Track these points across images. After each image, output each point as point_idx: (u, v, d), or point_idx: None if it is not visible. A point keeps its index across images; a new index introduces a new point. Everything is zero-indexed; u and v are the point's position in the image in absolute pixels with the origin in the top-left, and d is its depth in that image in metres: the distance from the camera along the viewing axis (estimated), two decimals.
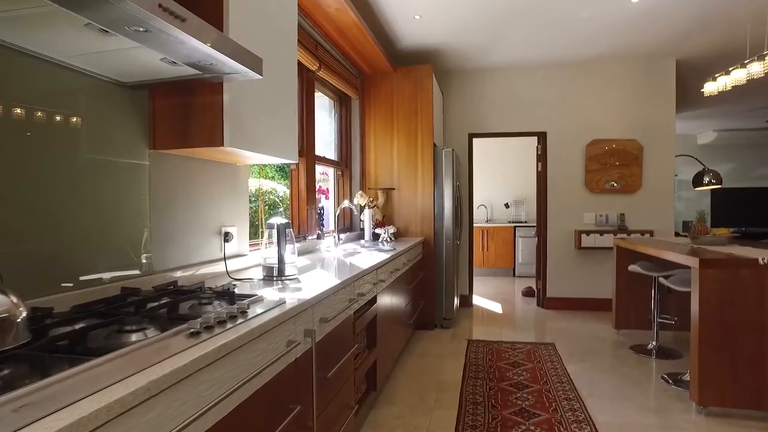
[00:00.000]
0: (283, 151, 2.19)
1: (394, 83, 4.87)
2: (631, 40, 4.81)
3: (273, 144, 2.08)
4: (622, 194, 5.45)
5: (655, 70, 5.39)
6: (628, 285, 4.45)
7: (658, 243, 3.97)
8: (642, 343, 4.20)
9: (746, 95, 7.39)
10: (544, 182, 5.64)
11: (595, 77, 5.50)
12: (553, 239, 5.63)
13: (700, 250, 3.32)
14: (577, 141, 5.53)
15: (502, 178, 8.63)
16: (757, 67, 3.74)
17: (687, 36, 4.67)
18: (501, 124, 5.72)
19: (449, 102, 5.83)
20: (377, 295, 2.78)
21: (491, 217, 8.70)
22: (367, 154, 4.94)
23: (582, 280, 5.57)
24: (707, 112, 8.48)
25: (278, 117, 2.13)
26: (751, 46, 4.55)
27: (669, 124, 5.39)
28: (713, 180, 5.68)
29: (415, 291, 4.38)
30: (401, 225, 4.86)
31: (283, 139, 2.19)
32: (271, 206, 4.36)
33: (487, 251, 8.29)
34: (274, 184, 4.17)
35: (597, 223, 5.49)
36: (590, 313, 5.40)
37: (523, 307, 5.85)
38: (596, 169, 5.44)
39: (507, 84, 5.69)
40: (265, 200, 4.33)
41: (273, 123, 2.08)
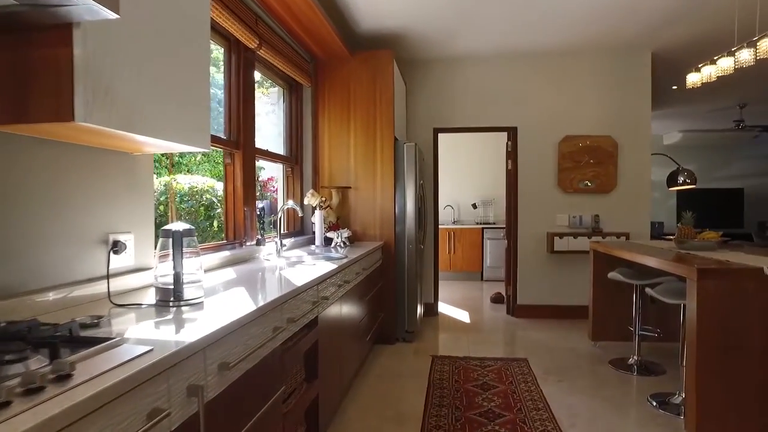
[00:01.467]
0: (186, 136, 1.65)
1: (352, 70, 4.37)
2: (607, 30, 4.45)
3: (170, 125, 1.55)
4: (596, 194, 5.10)
5: (630, 63, 5.07)
6: (605, 293, 4.08)
7: (640, 248, 3.60)
8: (622, 357, 3.82)
9: (713, 96, 7.21)
10: (515, 181, 5.24)
11: (568, 69, 5.14)
12: (524, 242, 5.23)
13: (689, 257, 2.94)
14: (550, 137, 5.15)
15: (469, 176, 8.24)
16: (747, 55, 3.41)
17: (664, 26, 4.34)
18: (468, 119, 5.30)
19: (413, 94, 5.37)
20: (319, 316, 2.27)
21: (458, 218, 8.30)
22: (321, 148, 4.43)
23: (555, 287, 5.19)
24: (674, 112, 8.32)
25: (178, 90, 1.60)
26: (738, 34, 4.25)
27: (645, 120, 5.07)
28: (687, 179, 5.41)
29: (373, 302, 3.89)
30: (358, 228, 4.37)
31: (188, 121, 1.66)
32: (207, 208, 3.81)
33: (453, 254, 7.88)
34: (214, 181, 3.61)
35: (570, 224, 5.13)
36: (564, 321, 5.02)
37: (492, 316, 5.44)
38: (569, 167, 5.07)
39: (475, 75, 5.27)
40: (202, 201, 3.77)
41: (170, 97, 1.55)
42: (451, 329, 4.86)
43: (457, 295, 6.63)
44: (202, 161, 3.76)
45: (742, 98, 7.54)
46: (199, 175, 4.02)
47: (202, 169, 3.93)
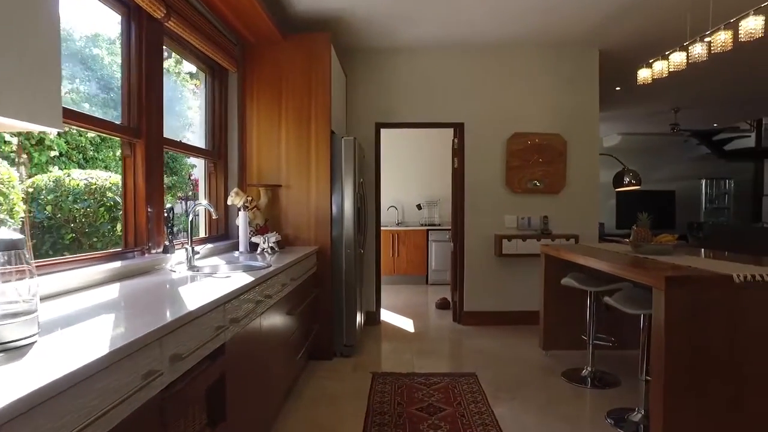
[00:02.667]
0: (20, 108, 1.17)
1: (284, 55, 3.91)
2: (556, 24, 4.23)
3: None
4: (545, 195, 4.89)
5: (579, 61, 4.90)
6: (556, 299, 3.84)
7: (595, 251, 3.37)
8: (575, 368, 3.58)
9: (650, 99, 7.28)
10: (461, 180, 4.95)
11: (517, 64, 4.90)
12: (471, 245, 4.95)
13: (648, 262, 2.71)
14: (498, 134, 4.90)
15: (415, 175, 7.93)
16: (699, 49, 3.25)
17: (612, 21, 4.17)
18: (413, 113, 4.96)
19: (354, 86, 4.97)
20: (227, 343, 1.82)
21: (402, 219, 7.97)
22: (248, 142, 3.94)
23: (503, 292, 4.94)
24: (615, 114, 8.39)
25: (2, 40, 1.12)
26: (690, 31, 4.14)
27: (593, 119, 4.92)
28: (633, 180, 5.32)
29: (306, 314, 3.45)
30: (290, 231, 3.91)
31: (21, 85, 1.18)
32: (110, 209, 3.24)
33: (397, 257, 7.54)
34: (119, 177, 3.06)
35: (519, 226, 4.89)
36: (514, 328, 4.77)
37: (438, 324, 5.13)
38: (518, 165, 4.83)
39: (420, 67, 4.94)
40: (103, 201, 3.21)
41: None
42: (394, 340, 4.50)
43: (402, 301, 6.29)
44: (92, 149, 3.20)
45: (677, 102, 7.67)
46: (102, 170, 3.45)
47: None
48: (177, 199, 4.25)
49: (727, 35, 3.03)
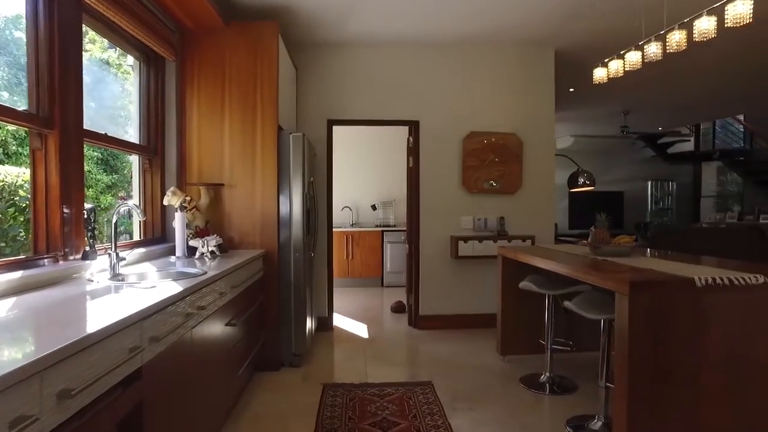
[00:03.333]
0: None
1: (227, 44, 3.63)
2: (513, 22, 4.14)
3: None
4: (501, 195, 4.80)
5: (535, 60, 4.84)
6: (514, 302, 3.74)
7: (553, 254, 3.27)
8: (533, 373, 3.48)
9: (601, 101, 7.39)
10: (416, 180, 4.80)
11: (474, 62, 4.79)
12: (426, 247, 4.80)
13: (606, 265, 2.63)
14: (454, 133, 4.77)
15: (369, 175, 7.74)
16: (655, 48, 3.21)
17: (568, 21, 4.12)
18: (366, 110, 4.77)
19: (305, 80, 4.72)
20: (145, 366, 1.56)
21: (357, 220, 7.77)
22: (188, 137, 3.63)
23: (460, 295, 4.82)
24: (568, 115, 8.49)
25: None
26: (644, 31, 4.14)
27: (549, 119, 4.88)
28: (587, 181, 5.34)
29: (251, 323, 3.19)
30: (234, 234, 3.63)
31: None
32: (23, 210, 2.88)
33: (352, 259, 7.33)
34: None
35: (475, 227, 4.78)
36: (471, 332, 4.65)
37: (393, 328, 4.95)
38: (474, 165, 4.72)
39: (374, 63, 4.75)
40: (13, 200, 2.85)
41: None
42: (347, 347, 4.28)
43: (356, 304, 6.08)
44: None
45: (627, 105, 7.83)
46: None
47: None
48: (118, 198, 3.89)
49: (682, 35, 3.00)
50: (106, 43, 3.17)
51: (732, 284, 2.07)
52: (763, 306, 2.15)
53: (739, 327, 2.13)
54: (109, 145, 3.02)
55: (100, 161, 3.54)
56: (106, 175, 3.62)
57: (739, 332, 2.13)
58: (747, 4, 2.64)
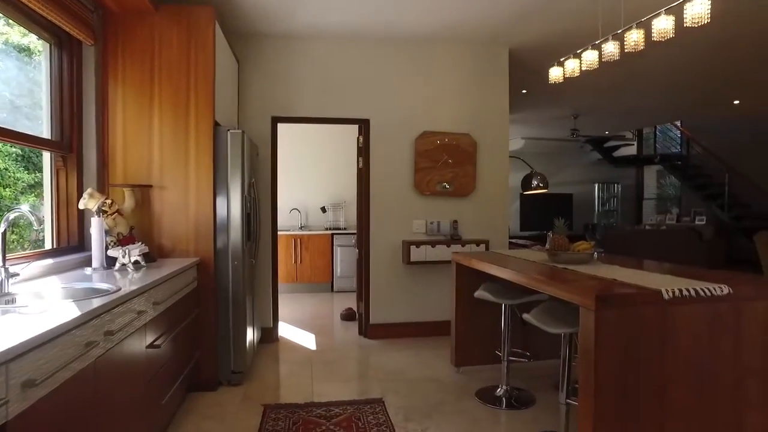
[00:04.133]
0: None
1: (157, 30, 3.26)
2: (467, 18, 3.98)
3: None
4: (454, 198, 4.64)
5: (490, 59, 4.71)
6: (469, 311, 3.57)
7: (509, 260, 3.12)
8: (489, 386, 3.32)
9: (552, 104, 7.43)
10: (366, 182, 4.56)
11: (426, 59, 4.60)
12: (377, 252, 4.58)
13: (567, 273, 2.48)
14: (406, 132, 4.57)
15: (319, 175, 7.43)
16: (612, 47, 3.12)
17: (522, 20, 4.01)
18: (314, 108, 4.49)
19: (247, 74, 4.39)
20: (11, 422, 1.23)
21: (306, 222, 7.45)
22: (111, 132, 3.24)
23: (413, 302, 4.62)
24: (520, 117, 8.51)
25: None
26: (600, 31, 4.07)
27: (503, 119, 4.76)
28: (541, 184, 5.27)
29: (182, 340, 2.86)
30: (166, 241, 3.27)
31: None
32: None
33: (300, 264, 7.01)
34: None
35: (428, 231, 4.60)
36: (424, 341, 4.46)
37: (343, 338, 4.69)
38: (427, 167, 4.54)
39: (322, 57, 4.48)
40: None
41: None
42: (292, 360, 3.99)
43: (304, 312, 5.77)
44: None
45: (576, 109, 7.92)
46: None
47: None
48: (42, 200, 3.42)
49: (639, 35, 2.91)
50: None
51: (698, 295, 1.95)
52: (727, 317, 2.05)
53: (705, 339, 2.02)
54: (21, 141, 2.61)
55: (20, 158, 3.10)
56: (28, 173, 3.17)
57: (705, 345, 2.02)
58: (704, 4, 2.57)
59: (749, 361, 2.10)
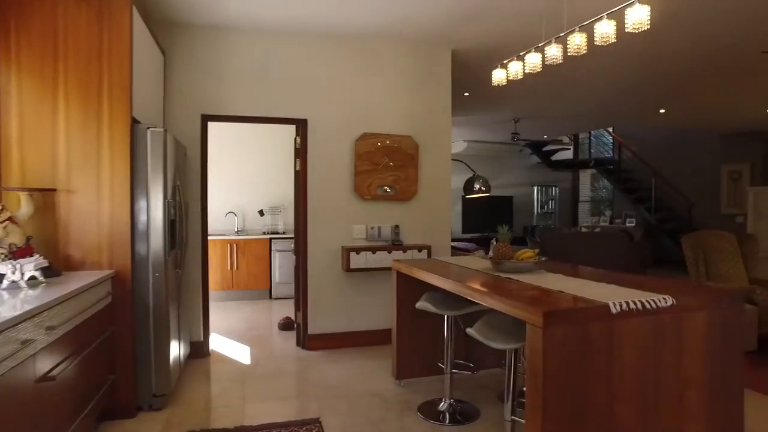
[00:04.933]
0: None
1: (62, 11, 2.88)
2: (408, 16, 3.85)
3: None
4: (396, 202, 4.50)
5: (432, 59, 4.61)
6: (411, 321, 3.43)
7: (451, 269, 2.99)
8: (432, 399, 3.18)
9: (494, 108, 7.48)
10: (304, 185, 4.33)
11: (368, 58, 4.43)
12: (316, 259, 4.36)
13: (511, 284, 2.38)
14: (345, 134, 4.38)
15: (257, 177, 7.10)
16: (555, 51, 3.07)
17: (464, 21, 3.92)
18: (248, 106, 4.21)
19: (174, 68, 4.05)
20: None
21: (243, 227, 7.09)
22: (4, 127, 2.83)
23: (354, 310, 4.43)
24: (462, 120, 8.52)
25: None
26: (544, 34, 4.05)
27: (446, 121, 4.67)
28: (483, 187, 5.23)
29: (91, 364, 2.53)
30: (75, 252, 2.90)
31: None
32: None
33: (237, 270, 6.66)
34: None
35: (368, 237, 4.43)
36: (366, 351, 4.28)
37: (280, 350, 4.43)
38: (368, 170, 4.37)
39: (258, 53, 4.21)
40: None
41: None
42: (224, 377, 3.70)
43: (240, 322, 5.45)
44: None
45: (517, 113, 8.02)
46: None
47: None
48: None
49: (582, 38, 2.87)
50: None
51: (644, 308, 1.89)
52: (670, 328, 2.01)
53: (650, 352, 1.96)
54: None
55: None
56: None
57: (650, 358, 1.97)
58: (645, 10, 2.55)
59: (690, 372, 2.07)
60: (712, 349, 2.08)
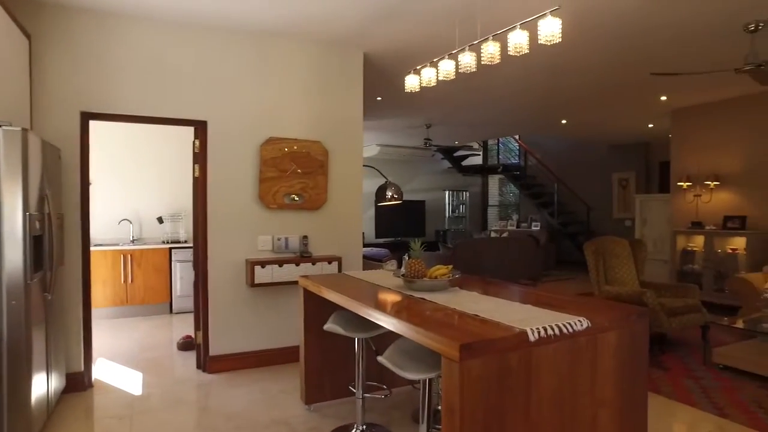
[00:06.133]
0: None
1: None
2: (317, 16, 3.62)
3: None
4: (304, 211, 4.24)
5: (343, 62, 4.41)
6: (320, 341, 3.19)
7: (361, 287, 2.80)
8: (344, 425, 2.97)
9: (406, 113, 7.44)
10: (203, 192, 3.95)
11: (275, 57, 4.14)
12: (217, 273, 3.99)
13: (425, 305, 2.24)
14: (250, 138, 4.05)
15: (156, 181, 6.49)
16: (469, 58, 2.99)
17: (376, 23, 3.77)
18: (139, 104, 3.75)
19: (45, 56, 3.50)
20: None
21: (139, 235, 6.46)
22: None
23: (260, 328, 4.11)
24: (375, 124, 8.42)
25: None
26: (458, 41, 3.98)
27: (357, 127, 4.49)
28: (395, 195, 5.12)
29: None
30: None
31: None
32: None
33: (132, 283, 6.03)
34: None
35: (275, 248, 4.13)
36: (274, 371, 3.97)
37: (178, 374, 4.00)
38: (274, 176, 4.07)
39: (150, 44, 3.76)
40: None
41: None
42: (108, 413, 3.24)
43: (132, 343, 4.89)
44: None
45: (429, 119, 8.05)
46: None
47: None
48: None
49: (496, 47, 2.81)
50: None
51: (561, 333, 1.81)
52: (585, 351, 1.96)
53: (566, 377, 1.90)
54: None
55: None
56: None
57: (566, 382, 1.90)
58: (556, 23, 2.53)
59: (602, 392, 2.04)
60: (622, 367, 2.07)
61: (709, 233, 6.62)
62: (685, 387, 3.67)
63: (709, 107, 6.75)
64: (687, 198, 7.02)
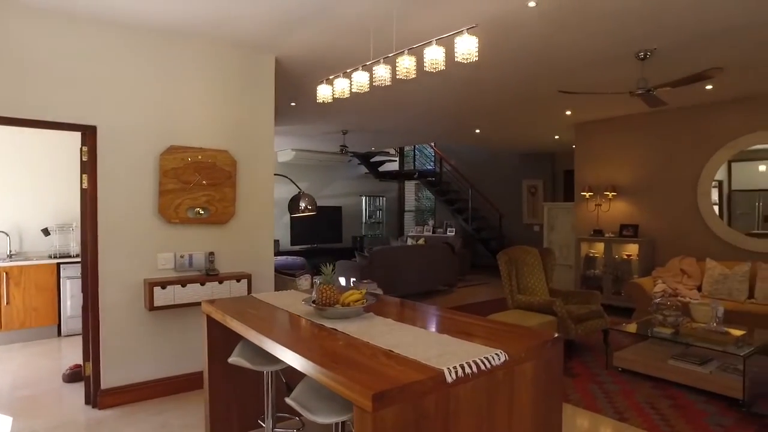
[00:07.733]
0: None
1: None
2: (224, 16, 3.36)
3: None
4: (211, 225, 3.93)
5: (253, 66, 4.15)
6: (226, 370, 2.93)
7: (270, 314, 2.59)
8: None
9: (322, 119, 7.27)
10: (93, 206, 3.52)
11: (177, 58, 3.79)
12: (111, 296, 3.58)
13: (337, 339, 2.09)
14: (148, 146, 3.68)
15: (41, 189, 5.79)
16: (383, 71, 2.88)
17: (287, 27, 3.57)
18: (10, 104, 3.26)
19: None
20: None
21: (19, 249, 5.72)
22: None
23: (161, 354, 3.74)
24: (289, 129, 8.16)
25: None
26: (372, 52, 3.85)
27: (268, 135, 4.24)
28: (309, 206, 4.91)
29: None
30: None
31: None
32: None
33: (8, 305, 5.32)
34: None
35: (177, 266, 3.79)
36: (177, 400, 3.63)
37: (63, 414, 3.51)
38: (175, 189, 3.72)
39: (26, 35, 3.28)
40: None
41: None
42: None
43: (4, 377, 4.28)
44: None
45: (345, 125, 7.93)
46: None
47: None
48: None
49: (411, 62, 2.72)
50: None
51: (479, 370, 1.73)
52: (503, 385, 1.90)
53: (485, 415, 1.82)
54: None
55: None
56: None
57: (485, 420, 1.82)
58: (473, 41, 2.49)
59: (520, 425, 1.99)
60: (538, 399, 2.04)
61: (608, 240, 7.07)
62: (590, 393, 3.82)
63: (608, 122, 7.22)
64: (589, 207, 7.46)
